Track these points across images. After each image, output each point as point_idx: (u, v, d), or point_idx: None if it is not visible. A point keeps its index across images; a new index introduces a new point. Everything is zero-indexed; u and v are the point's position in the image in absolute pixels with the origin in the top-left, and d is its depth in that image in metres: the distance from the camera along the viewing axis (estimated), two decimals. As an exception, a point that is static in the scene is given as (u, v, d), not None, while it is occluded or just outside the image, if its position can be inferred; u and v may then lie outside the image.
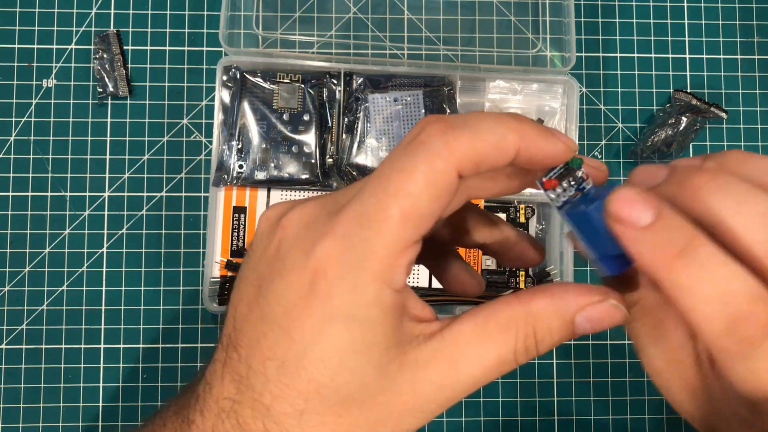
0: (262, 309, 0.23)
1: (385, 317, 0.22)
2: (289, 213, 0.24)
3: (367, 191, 0.22)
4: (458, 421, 0.50)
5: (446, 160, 0.21)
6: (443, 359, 0.22)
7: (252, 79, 0.49)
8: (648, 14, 0.54)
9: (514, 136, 0.22)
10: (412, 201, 0.21)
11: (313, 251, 0.22)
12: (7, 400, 0.49)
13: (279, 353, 0.22)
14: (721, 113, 0.52)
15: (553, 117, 0.51)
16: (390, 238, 0.21)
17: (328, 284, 0.21)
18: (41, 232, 0.50)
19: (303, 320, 0.22)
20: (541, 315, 0.23)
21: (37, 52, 0.52)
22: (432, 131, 0.22)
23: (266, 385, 0.23)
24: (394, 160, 0.22)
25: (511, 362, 0.23)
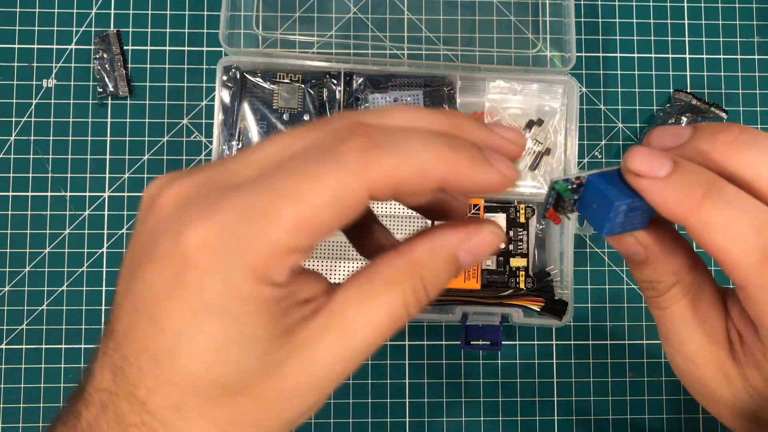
0: (134, 296, 0.21)
1: (263, 311, 0.20)
2: (165, 190, 0.22)
3: (264, 185, 0.20)
4: (458, 421, 0.50)
5: (359, 180, 0.20)
6: (333, 334, 0.21)
7: (252, 79, 0.49)
8: (648, 14, 0.54)
9: (441, 165, 0.20)
10: (310, 211, 0.20)
11: (184, 237, 0.20)
12: (7, 400, 0.49)
13: (150, 345, 0.21)
14: (721, 113, 0.52)
15: (553, 117, 0.51)
16: (275, 241, 0.20)
17: (198, 275, 0.20)
18: (41, 232, 0.50)
19: (172, 311, 0.20)
20: (426, 262, 0.22)
21: (37, 52, 0.52)
22: (354, 145, 0.20)
23: (141, 378, 0.21)
24: (305, 162, 0.20)
25: (403, 314, 0.22)
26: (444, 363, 0.51)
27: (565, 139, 0.50)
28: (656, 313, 0.25)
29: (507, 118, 0.51)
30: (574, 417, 0.50)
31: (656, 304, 0.25)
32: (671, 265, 0.24)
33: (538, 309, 0.48)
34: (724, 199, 0.21)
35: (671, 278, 0.24)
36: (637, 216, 0.23)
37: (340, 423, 0.50)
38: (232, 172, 0.21)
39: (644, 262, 0.24)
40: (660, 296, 0.25)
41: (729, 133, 0.22)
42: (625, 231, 0.23)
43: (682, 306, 0.24)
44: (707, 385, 0.25)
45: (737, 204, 0.21)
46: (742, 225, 0.20)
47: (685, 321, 0.24)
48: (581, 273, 0.51)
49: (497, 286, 0.49)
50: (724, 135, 0.22)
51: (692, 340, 0.24)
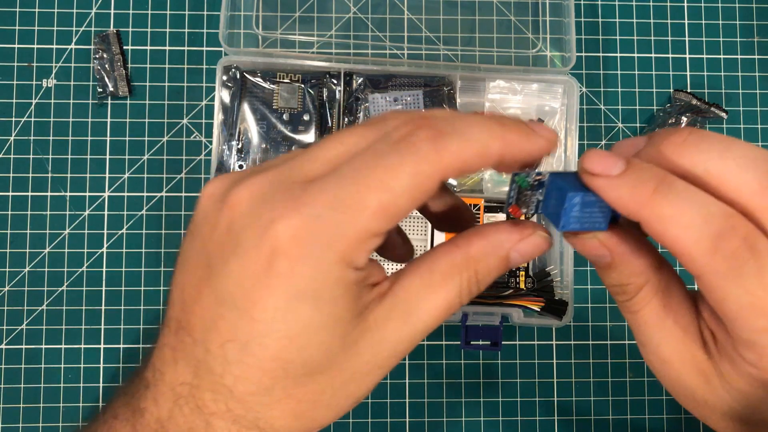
0: (216, 291, 0.23)
1: (348, 294, 0.22)
2: (236, 189, 0.23)
3: (346, 176, 0.22)
4: (458, 421, 0.50)
5: (433, 166, 0.22)
6: (398, 316, 0.23)
7: (252, 79, 0.49)
8: (648, 14, 0.54)
9: (498, 143, 0.23)
10: (391, 197, 0.21)
11: (273, 228, 0.21)
12: (7, 400, 0.49)
13: (240, 334, 0.22)
14: (722, 113, 0.52)
15: (553, 117, 0.51)
16: (361, 226, 0.21)
17: (290, 263, 0.21)
18: (41, 232, 0.50)
19: (265, 300, 0.22)
20: (480, 258, 0.24)
21: (37, 52, 0.52)
22: (423, 135, 0.22)
23: (227, 366, 0.22)
24: (381, 155, 0.22)
25: (457, 304, 0.24)
26: (444, 363, 0.51)
27: (566, 139, 0.50)
28: (629, 317, 0.26)
29: (507, 118, 0.51)
30: (574, 417, 0.50)
31: (628, 308, 0.25)
32: (637, 267, 0.24)
33: (538, 309, 0.48)
34: (674, 192, 0.21)
35: (639, 280, 0.24)
36: (595, 214, 0.23)
37: (340, 423, 0.50)
38: (301, 170, 0.23)
39: (610, 265, 0.25)
40: (630, 299, 0.25)
41: (679, 135, 0.23)
42: (583, 228, 0.23)
43: (653, 308, 0.25)
44: (687, 387, 0.25)
45: (686, 196, 0.21)
46: (692, 215, 0.21)
47: (658, 323, 0.25)
48: (581, 273, 0.51)
49: (497, 286, 0.49)
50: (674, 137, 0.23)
51: (666, 341, 0.25)
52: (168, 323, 0.25)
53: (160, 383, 0.24)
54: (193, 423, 0.23)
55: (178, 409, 0.23)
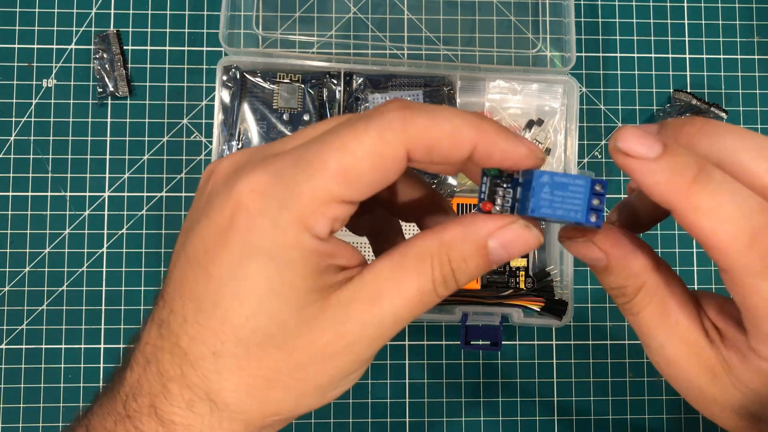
0: (186, 251, 0.23)
1: (304, 261, 0.21)
2: (220, 161, 0.24)
3: (315, 141, 0.22)
4: (458, 421, 0.50)
5: (397, 134, 0.21)
6: (364, 297, 0.22)
7: (252, 79, 0.49)
8: (648, 14, 0.54)
9: (471, 131, 0.22)
10: (352, 160, 0.21)
11: (237, 185, 0.22)
12: (7, 400, 0.49)
13: (197, 291, 0.22)
14: (721, 113, 0.52)
15: (553, 117, 0.51)
16: (319, 186, 0.21)
17: (249, 218, 0.21)
18: (41, 232, 0.50)
19: (221, 255, 0.22)
20: (454, 243, 0.23)
21: (37, 52, 0.52)
22: (392, 107, 0.22)
23: (183, 326, 0.22)
24: (350, 122, 0.22)
25: (431, 293, 0.23)
26: (444, 363, 0.50)
27: (565, 139, 0.50)
28: (631, 320, 0.25)
29: (507, 118, 0.51)
30: (574, 417, 0.50)
31: (628, 310, 0.25)
32: (634, 268, 0.24)
33: (538, 309, 0.48)
34: (714, 182, 0.21)
35: (637, 281, 0.24)
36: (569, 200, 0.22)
37: (340, 423, 0.50)
38: (280, 144, 0.24)
39: (607, 268, 0.24)
40: (630, 301, 0.25)
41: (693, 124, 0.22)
42: (555, 216, 0.22)
43: (654, 308, 0.24)
44: (695, 386, 0.24)
45: (726, 188, 0.21)
46: (731, 208, 0.20)
47: (660, 323, 0.24)
48: (581, 273, 0.51)
49: (497, 286, 0.49)
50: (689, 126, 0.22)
51: (670, 342, 0.24)
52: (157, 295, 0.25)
53: (136, 349, 0.24)
54: (153, 387, 0.23)
55: (144, 374, 0.23)
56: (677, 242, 0.52)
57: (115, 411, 0.24)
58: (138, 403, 0.23)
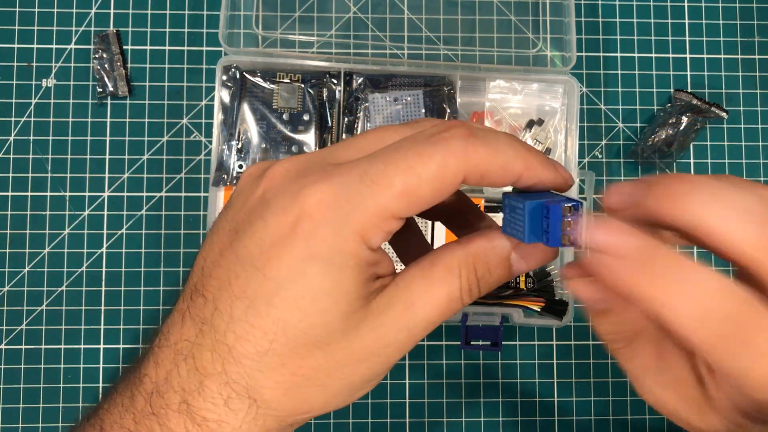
0: (237, 251, 0.23)
1: (359, 269, 0.23)
2: (275, 166, 0.24)
3: (379, 157, 0.23)
4: (458, 421, 0.50)
5: (460, 162, 0.22)
6: (399, 303, 0.24)
7: (252, 79, 0.49)
8: (648, 14, 0.54)
9: (521, 164, 0.23)
10: (416, 183, 0.22)
11: (303, 193, 0.22)
12: (7, 400, 0.49)
13: (249, 292, 0.23)
14: (722, 113, 0.52)
15: (554, 117, 0.51)
16: (383, 204, 0.22)
17: (313, 225, 0.22)
18: (41, 232, 0.50)
19: (280, 258, 0.22)
20: (479, 254, 0.25)
21: (36, 51, 0.52)
22: (457, 134, 0.23)
23: (230, 324, 0.23)
24: (415, 144, 0.23)
25: (458, 300, 0.24)
26: (444, 363, 0.50)
27: (566, 138, 0.50)
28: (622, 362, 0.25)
29: (507, 118, 0.51)
30: (574, 417, 0.50)
31: (623, 355, 0.25)
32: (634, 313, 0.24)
33: (539, 309, 0.48)
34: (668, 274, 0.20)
35: (636, 326, 0.24)
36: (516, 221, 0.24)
37: (340, 423, 0.50)
38: (336, 154, 0.25)
39: (607, 311, 0.24)
40: (627, 347, 0.25)
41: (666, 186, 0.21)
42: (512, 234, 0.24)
43: (648, 354, 0.24)
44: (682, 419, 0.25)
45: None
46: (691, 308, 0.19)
47: (653, 368, 0.25)
48: (581, 273, 0.51)
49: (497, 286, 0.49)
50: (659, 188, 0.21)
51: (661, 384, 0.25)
52: (184, 291, 0.25)
53: (164, 344, 0.24)
54: (186, 384, 0.23)
55: (175, 370, 0.24)
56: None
57: (134, 408, 0.24)
58: (165, 399, 0.24)
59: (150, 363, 0.24)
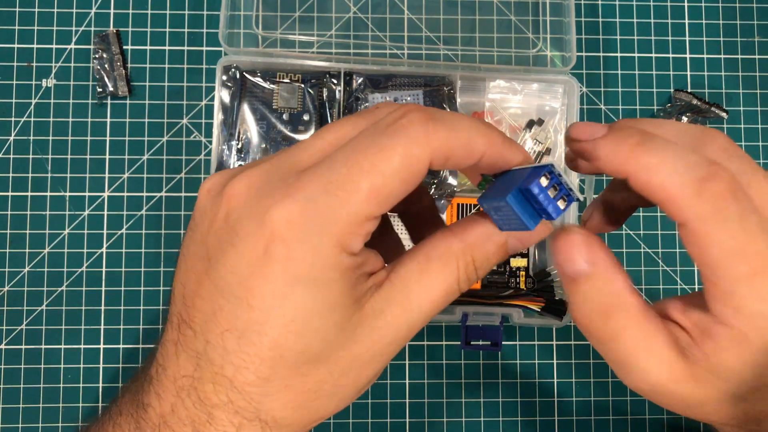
0: (215, 282, 0.23)
1: (343, 279, 0.22)
2: (232, 182, 0.23)
3: (339, 161, 0.22)
4: (458, 421, 0.50)
5: (423, 148, 0.22)
6: (396, 303, 0.23)
7: (252, 79, 0.49)
8: (648, 14, 0.54)
9: (484, 141, 0.23)
10: (383, 180, 0.22)
11: (269, 216, 0.22)
12: (7, 400, 0.49)
13: (238, 323, 0.22)
14: (722, 113, 0.52)
15: (554, 117, 0.51)
16: (354, 209, 0.22)
17: (287, 248, 0.22)
18: (40, 232, 0.50)
19: (261, 286, 0.22)
20: (478, 244, 0.24)
21: (36, 51, 0.52)
22: (414, 119, 0.22)
23: (226, 357, 0.23)
24: (373, 138, 0.22)
25: (455, 291, 0.24)
26: (444, 363, 0.50)
27: (566, 138, 0.50)
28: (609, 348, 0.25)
29: (507, 118, 0.51)
30: (574, 417, 0.50)
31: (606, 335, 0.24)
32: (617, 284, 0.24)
33: (539, 309, 0.48)
34: (656, 143, 0.22)
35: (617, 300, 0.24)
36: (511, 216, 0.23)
37: (340, 423, 0.50)
38: (295, 160, 0.24)
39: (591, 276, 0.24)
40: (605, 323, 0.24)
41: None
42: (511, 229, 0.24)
43: (633, 333, 0.24)
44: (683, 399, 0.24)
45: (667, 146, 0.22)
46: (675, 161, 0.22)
47: (641, 348, 0.24)
48: (581, 273, 0.51)
49: (497, 286, 0.49)
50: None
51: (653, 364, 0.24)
52: (170, 319, 0.25)
53: (163, 378, 0.24)
54: (195, 416, 0.23)
55: (180, 403, 0.23)
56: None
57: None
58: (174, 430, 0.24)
59: (151, 393, 0.24)
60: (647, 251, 0.52)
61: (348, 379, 0.24)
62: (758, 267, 0.21)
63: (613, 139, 0.23)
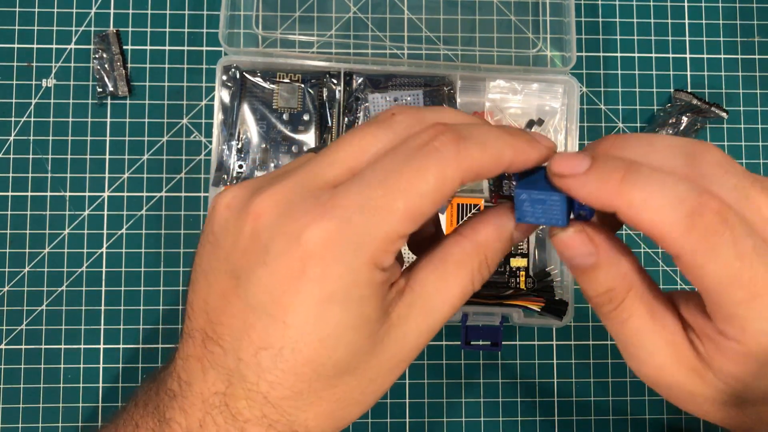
0: (245, 299, 0.23)
1: (375, 294, 0.23)
2: (258, 198, 0.23)
3: (372, 181, 0.22)
4: (458, 421, 0.50)
5: (456, 170, 0.22)
6: (418, 310, 0.24)
7: (252, 79, 0.49)
8: (648, 14, 0.54)
9: (510, 152, 0.24)
10: (417, 201, 0.22)
11: (305, 235, 0.22)
12: (7, 400, 0.49)
13: (273, 341, 0.22)
14: (722, 113, 0.52)
15: (554, 117, 0.51)
16: (390, 229, 0.22)
17: (323, 267, 0.22)
18: (40, 232, 0.50)
19: (296, 305, 0.22)
20: (489, 243, 0.25)
21: (36, 51, 0.52)
22: (447, 141, 0.23)
23: (261, 374, 0.23)
24: (406, 159, 0.23)
25: (471, 291, 0.25)
26: (444, 363, 0.50)
27: (566, 138, 0.50)
28: (617, 329, 0.25)
29: (507, 118, 0.51)
30: (574, 417, 0.50)
31: (615, 317, 0.25)
32: (622, 267, 0.24)
33: (539, 309, 0.48)
34: (642, 176, 0.22)
35: (625, 282, 0.24)
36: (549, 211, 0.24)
37: (340, 423, 0.50)
38: (323, 175, 0.24)
39: (596, 265, 0.24)
40: (617, 307, 0.25)
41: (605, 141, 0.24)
42: (539, 222, 0.24)
43: (641, 314, 0.25)
44: (684, 389, 0.25)
45: (654, 179, 0.22)
46: (662, 197, 0.22)
47: (648, 330, 0.25)
48: (581, 273, 0.51)
49: (497, 286, 0.49)
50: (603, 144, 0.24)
51: (659, 347, 0.25)
52: (192, 334, 0.25)
53: (189, 394, 0.24)
54: (227, 430, 0.23)
55: (210, 419, 0.24)
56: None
57: None
58: None
59: (175, 409, 0.24)
60: (647, 251, 0.52)
61: (375, 386, 0.24)
62: (756, 291, 0.22)
63: (597, 174, 0.23)
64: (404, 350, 0.24)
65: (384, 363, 0.24)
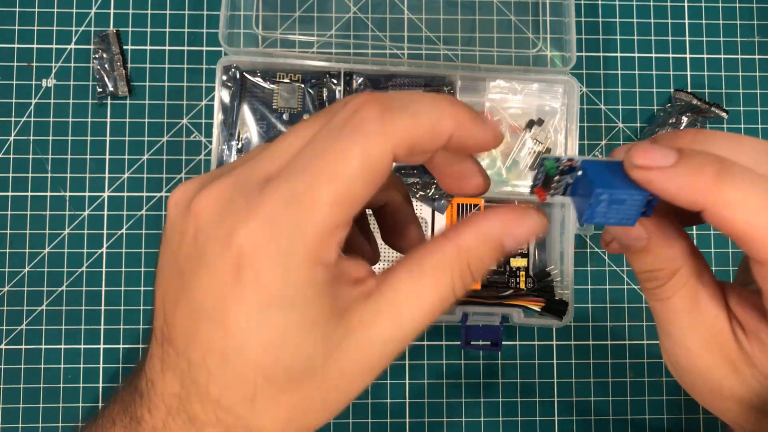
0: (190, 303, 0.22)
1: (320, 294, 0.21)
2: (199, 196, 0.22)
3: (296, 171, 0.21)
4: (458, 421, 0.50)
5: (382, 144, 0.20)
6: (386, 316, 0.22)
7: (252, 79, 0.49)
8: (648, 14, 0.54)
9: (450, 122, 0.22)
10: (344, 185, 0.20)
11: (234, 238, 0.21)
12: (7, 400, 0.49)
13: (217, 346, 0.22)
14: (722, 113, 0.52)
15: (554, 117, 0.51)
16: (319, 221, 0.20)
17: (256, 271, 0.21)
18: (41, 232, 0.50)
19: (236, 311, 0.21)
20: (472, 248, 0.23)
21: (36, 51, 0.52)
22: (368, 113, 0.21)
23: (210, 378, 0.22)
24: (328, 141, 0.21)
25: (450, 298, 0.23)
26: (444, 363, 0.50)
27: (566, 138, 0.50)
28: (657, 305, 0.25)
29: (507, 118, 0.51)
30: (574, 417, 0.50)
31: (657, 295, 0.25)
32: (673, 251, 0.24)
33: (539, 309, 0.48)
34: (737, 175, 0.21)
35: (673, 265, 0.24)
36: (624, 211, 0.22)
37: (340, 423, 0.50)
38: (260, 170, 0.22)
39: (645, 248, 0.24)
40: (661, 286, 0.24)
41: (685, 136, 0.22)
42: (607, 223, 0.22)
43: (684, 295, 0.24)
44: (712, 379, 0.24)
45: (750, 178, 0.21)
46: (760, 198, 0.20)
47: (688, 311, 0.24)
48: (582, 273, 0.51)
49: (497, 286, 0.49)
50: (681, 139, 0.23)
51: (695, 330, 0.24)
52: (155, 333, 0.24)
53: (152, 394, 0.24)
54: None
55: (171, 420, 0.23)
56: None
57: None
58: None
59: (143, 406, 0.24)
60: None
61: (338, 393, 0.23)
62: None
63: (687, 168, 0.21)
64: (370, 357, 0.22)
65: (346, 368, 0.22)
